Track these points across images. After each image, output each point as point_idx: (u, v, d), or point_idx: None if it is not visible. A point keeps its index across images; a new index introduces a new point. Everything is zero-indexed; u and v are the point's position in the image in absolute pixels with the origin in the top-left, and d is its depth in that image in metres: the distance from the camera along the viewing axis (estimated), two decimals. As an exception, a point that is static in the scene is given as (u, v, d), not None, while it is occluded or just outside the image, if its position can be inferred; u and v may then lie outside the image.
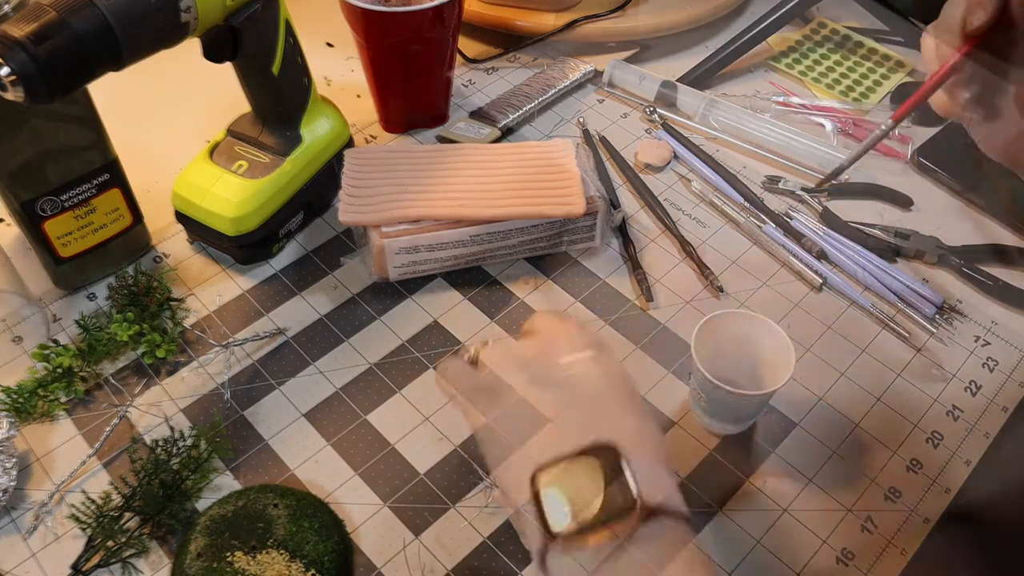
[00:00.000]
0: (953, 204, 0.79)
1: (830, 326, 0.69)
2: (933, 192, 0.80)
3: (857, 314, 0.70)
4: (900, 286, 0.72)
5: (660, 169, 0.81)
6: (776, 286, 0.72)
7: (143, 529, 0.57)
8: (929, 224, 0.77)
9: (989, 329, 0.70)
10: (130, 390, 0.65)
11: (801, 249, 0.74)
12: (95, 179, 0.66)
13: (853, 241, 0.74)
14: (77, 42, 0.50)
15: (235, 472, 0.61)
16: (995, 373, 0.67)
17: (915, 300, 0.71)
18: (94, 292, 0.71)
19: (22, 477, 0.60)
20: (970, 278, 0.73)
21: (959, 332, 0.70)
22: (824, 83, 0.89)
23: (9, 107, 0.57)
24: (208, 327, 0.69)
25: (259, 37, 0.65)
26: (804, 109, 0.86)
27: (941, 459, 0.61)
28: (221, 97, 0.82)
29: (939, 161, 0.80)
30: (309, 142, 0.72)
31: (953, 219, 0.78)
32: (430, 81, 0.80)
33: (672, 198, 0.78)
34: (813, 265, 0.73)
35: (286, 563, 0.53)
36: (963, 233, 0.77)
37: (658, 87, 0.85)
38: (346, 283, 0.72)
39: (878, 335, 0.69)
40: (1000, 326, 0.70)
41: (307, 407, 0.64)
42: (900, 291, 0.71)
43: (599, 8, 0.92)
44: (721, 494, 0.59)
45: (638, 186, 0.79)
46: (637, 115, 0.86)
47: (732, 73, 0.91)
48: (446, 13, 0.74)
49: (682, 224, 0.76)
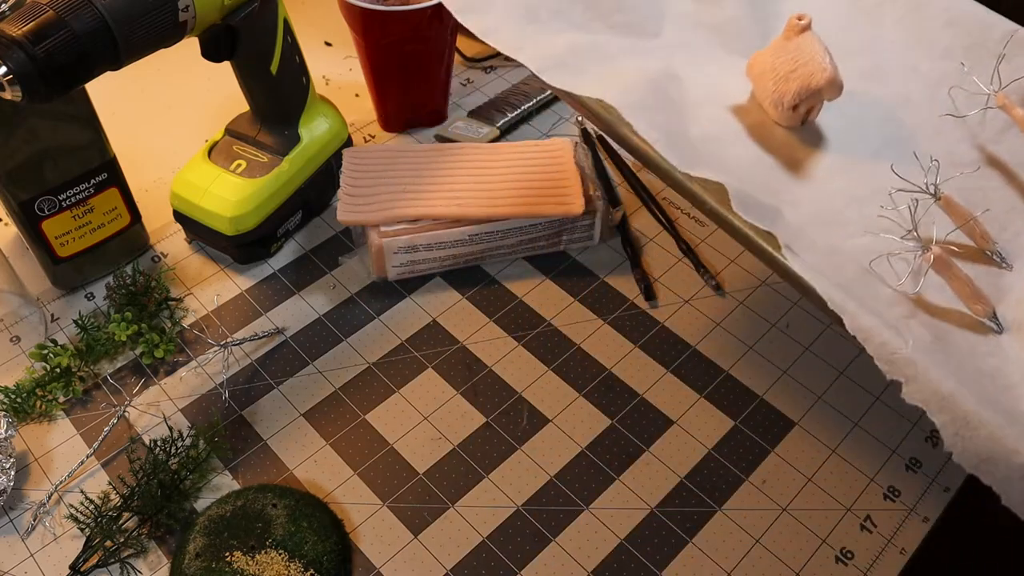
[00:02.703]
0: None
1: (829, 325, 0.69)
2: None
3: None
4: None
5: (659, 168, 0.81)
6: (775, 285, 0.72)
7: (141, 529, 0.57)
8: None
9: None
10: (128, 390, 0.65)
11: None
12: (93, 178, 0.66)
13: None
14: (75, 41, 0.50)
15: (234, 472, 0.60)
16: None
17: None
18: (92, 292, 0.71)
19: (20, 477, 0.60)
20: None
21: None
22: (823, 82, 0.89)
23: (7, 106, 0.57)
24: (206, 327, 0.69)
25: (257, 36, 0.65)
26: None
27: (940, 458, 0.61)
28: (219, 96, 0.83)
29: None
30: (307, 141, 0.72)
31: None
32: (428, 80, 0.80)
33: (671, 197, 0.78)
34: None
35: (285, 563, 0.53)
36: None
37: (657, 86, 0.85)
38: (345, 283, 0.72)
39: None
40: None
41: (306, 407, 0.64)
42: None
43: (598, 7, 0.92)
44: (720, 493, 0.59)
45: (636, 185, 0.79)
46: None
47: (731, 72, 0.91)
48: (444, 12, 0.74)
49: (681, 223, 0.76)
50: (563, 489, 0.59)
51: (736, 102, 0.58)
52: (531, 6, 0.58)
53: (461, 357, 0.67)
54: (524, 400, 0.64)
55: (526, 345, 0.67)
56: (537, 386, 0.65)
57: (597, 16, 0.60)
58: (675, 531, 0.57)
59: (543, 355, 0.67)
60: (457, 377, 0.65)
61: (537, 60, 0.54)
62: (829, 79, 0.52)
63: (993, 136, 0.56)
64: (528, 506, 0.59)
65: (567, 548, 0.57)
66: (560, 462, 0.61)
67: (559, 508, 0.59)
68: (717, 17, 0.62)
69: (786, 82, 0.54)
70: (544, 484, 0.60)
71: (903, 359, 0.43)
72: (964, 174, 0.51)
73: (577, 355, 0.67)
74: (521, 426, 0.63)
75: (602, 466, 0.61)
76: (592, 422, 0.63)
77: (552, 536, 0.57)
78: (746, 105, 0.58)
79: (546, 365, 0.66)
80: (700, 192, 0.49)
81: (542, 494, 0.59)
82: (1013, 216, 0.53)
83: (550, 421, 0.63)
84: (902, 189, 0.50)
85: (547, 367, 0.66)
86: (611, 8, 0.61)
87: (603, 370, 0.66)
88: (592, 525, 0.58)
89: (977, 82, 0.55)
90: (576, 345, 0.67)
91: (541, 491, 0.59)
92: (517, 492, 0.59)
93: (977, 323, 0.48)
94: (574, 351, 0.67)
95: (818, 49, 0.54)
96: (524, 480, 0.60)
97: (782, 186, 0.53)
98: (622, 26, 0.61)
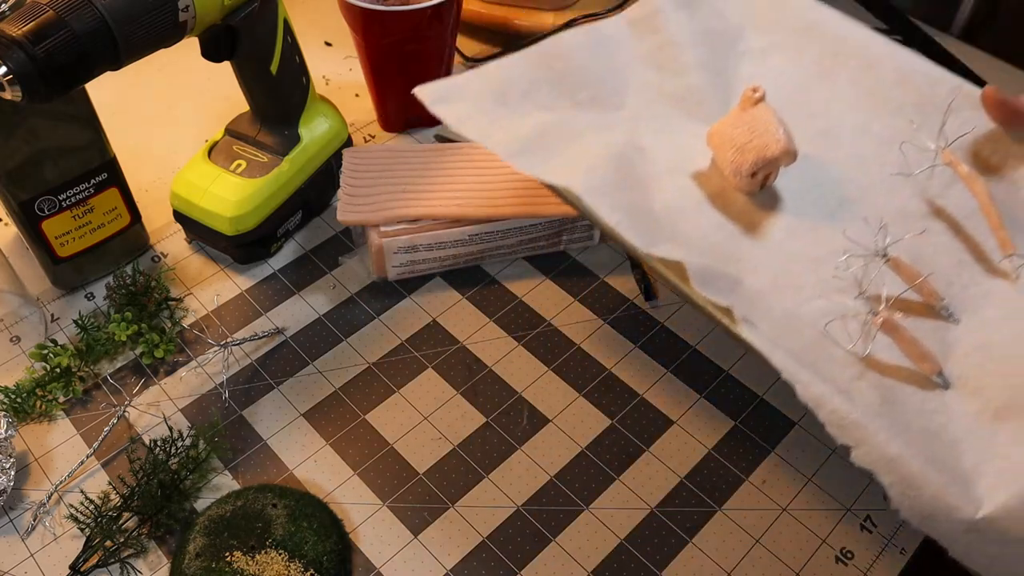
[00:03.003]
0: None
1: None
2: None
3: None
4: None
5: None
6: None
7: (141, 529, 0.57)
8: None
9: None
10: (128, 390, 0.65)
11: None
12: (93, 178, 0.66)
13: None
14: (75, 41, 0.50)
15: (234, 472, 0.60)
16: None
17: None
18: (92, 292, 0.71)
19: (20, 477, 0.60)
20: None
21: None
22: (823, 82, 0.89)
23: (7, 106, 0.57)
24: (206, 327, 0.69)
25: (257, 36, 0.65)
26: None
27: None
28: (219, 96, 0.83)
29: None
30: (307, 141, 0.72)
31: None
32: (428, 80, 0.80)
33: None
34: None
35: (285, 563, 0.53)
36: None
37: (657, 86, 0.85)
38: (345, 282, 0.72)
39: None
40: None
41: (306, 407, 0.64)
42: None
43: (597, 7, 0.92)
44: (720, 493, 0.59)
45: (637, 185, 0.79)
46: (636, 114, 0.86)
47: (731, 72, 0.91)
48: (444, 12, 0.74)
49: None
50: (563, 489, 0.59)
51: (699, 169, 0.60)
52: (500, 90, 0.61)
53: (461, 357, 0.67)
54: (524, 400, 0.64)
55: (526, 345, 0.67)
56: (537, 386, 0.65)
57: (563, 94, 0.62)
58: (675, 531, 0.57)
59: (543, 355, 0.67)
60: (457, 377, 0.65)
61: (505, 146, 0.56)
62: (783, 149, 0.55)
63: (941, 190, 0.58)
64: (528, 506, 0.59)
65: (567, 548, 0.57)
66: (560, 462, 0.61)
67: (559, 508, 0.59)
68: (679, 86, 0.64)
69: (743, 153, 0.56)
70: (544, 484, 0.60)
71: (852, 424, 0.45)
72: (912, 236, 0.54)
73: (577, 355, 0.67)
74: (521, 426, 0.63)
75: (602, 466, 0.61)
76: (592, 422, 0.63)
77: (552, 536, 0.57)
78: (708, 172, 0.60)
79: (546, 365, 0.66)
80: (662, 269, 0.52)
81: (542, 494, 0.59)
82: (960, 270, 0.55)
83: (550, 421, 0.63)
84: (852, 254, 0.52)
85: (547, 367, 0.66)
86: (575, 86, 0.63)
87: (603, 370, 0.66)
88: (592, 525, 0.58)
89: (925, 140, 0.58)
90: (576, 345, 0.67)
91: (541, 491, 0.59)
92: (517, 492, 0.59)
93: (926, 379, 0.50)
94: (574, 351, 0.67)
95: (772, 120, 0.56)
96: (524, 480, 0.60)
97: (743, 252, 0.56)
98: (587, 102, 0.63)
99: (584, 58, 0.64)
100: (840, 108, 0.63)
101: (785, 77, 0.65)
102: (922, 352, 0.49)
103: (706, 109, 0.64)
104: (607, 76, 0.64)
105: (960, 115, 0.59)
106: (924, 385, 0.50)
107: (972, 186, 0.56)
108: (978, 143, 0.59)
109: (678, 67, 0.65)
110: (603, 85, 0.64)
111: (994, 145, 0.58)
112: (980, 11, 0.95)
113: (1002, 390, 0.48)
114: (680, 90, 0.64)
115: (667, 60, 0.65)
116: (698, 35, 0.66)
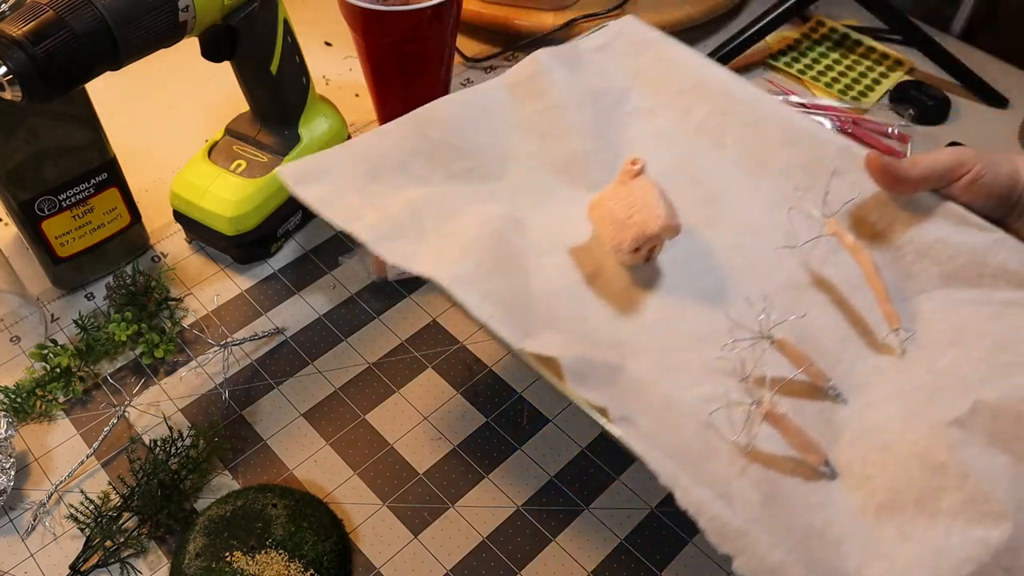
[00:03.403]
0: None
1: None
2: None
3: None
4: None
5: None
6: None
7: (141, 529, 0.57)
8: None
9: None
10: (128, 390, 0.65)
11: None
12: (93, 178, 0.66)
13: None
14: (75, 41, 0.50)
15: (234, 472, 0.61)
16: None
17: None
18: (92, 292, 0.71)
19: (20, 477, 0.60)
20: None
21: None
22: (823, 82, 0.89)
23: (7, 106, 0.57)
24: (206, 327, 0.69)
25: (257, 36, 0.65)
26: (803, 108, 0.86)
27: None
28: (219, 96, 0.83)
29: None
30: (307, 141, 0.72)
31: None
32: (428, 80, 0.80)
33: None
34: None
35: (285, 563, 0.53)
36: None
37: (657, 86, 0.85)
38: (344, 282, 0.72)
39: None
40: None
41: (306, 407, 0.64)
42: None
43: (597, 7, 0.92)
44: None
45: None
46: (636, 114, 0.86)
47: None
48: (444, 12, 0.74)
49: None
50: (563, 489, 0.59)
51: (580, 242, 0.58)
52: (373, 164, 0.57)
53: (461, 357, 0.67)
54: (524, 400, 0.64)
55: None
56: (537, 386, 0.65)
57: (439, 166, 0.59)
58: (675, 531, 0.57)
59: (543, 355, 0.67)
60: (457, 377, 0.65)
61: (373, 229, 0.53)
62: (662, 226, 0.53)
63: (828, 258, 0.56)
64: (528, 506, 0.59)
65: (567, 548, 0.57)
66: (560, 462, 0.61)
67: (559, 508, 0.59)
68: (563, 153, 0.61)
69: (623, 229, 0.54)
70: (544, 484, 0.60)
71: (734, 531, 0.43)
72: (795, 319, 0.52)
73: (577, 355, 0.67)
74: (521, 426, 0.63)
75: (602, 465, 0.61)
76: (592, 422, 0.63)
77: (552, 536, 0.57)
78: (589, 245, 0.58)
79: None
80: (536, 365, 0.49)
81: (542, 494, 0.59)
82: (847, 345, 0.53)
83: (550, 421, 0.63)
84: (737, 339, 0.50)
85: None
86: (452, 156, 0.59)
87: (603, 370, 0.66)
88: (592, 525, 0.58)
89: (811, 207, 0.56)
90: (576, 345, 0.67)
91: (541, 491, 0.59)
92: (517, 492, 0.59)
93: (811, 469, 0.48)
94: (574, 351, 0.67)
95: (652, 195, 0.54)
96: (524, 480, 0.60)
97: (625, 335, 0.53)
98: (464, 173, 0.59)
99: (462, 126, 0.60)
100: (728, 171, 0.61)
101: (672, 139, 0.62)
102: (807, 442, 0.47)
103: (591, 176, 0.61)
104: (486, 144, 0.60)
105: (848, 177, 0.57)
106: (810, 476, 0.47)
107: (857, 257, 0.54)
108: (866, 206, 0.57)
109: (560, 132, 0.61)
110: (482, 154, 0.60)
111: (881, 209, 0.56)
112: (980, 11, 0.95)
113: (885, 482, 0.46)
114: (563, 157, 0.61)
115: (549, 125, 0.61)
116: (582, 97, 0.63)
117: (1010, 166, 0.54)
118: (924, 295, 0.54)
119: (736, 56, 0.89)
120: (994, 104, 0.86)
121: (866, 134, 0.83)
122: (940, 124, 0.85)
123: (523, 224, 0.58)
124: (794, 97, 0.87)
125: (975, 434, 0.45)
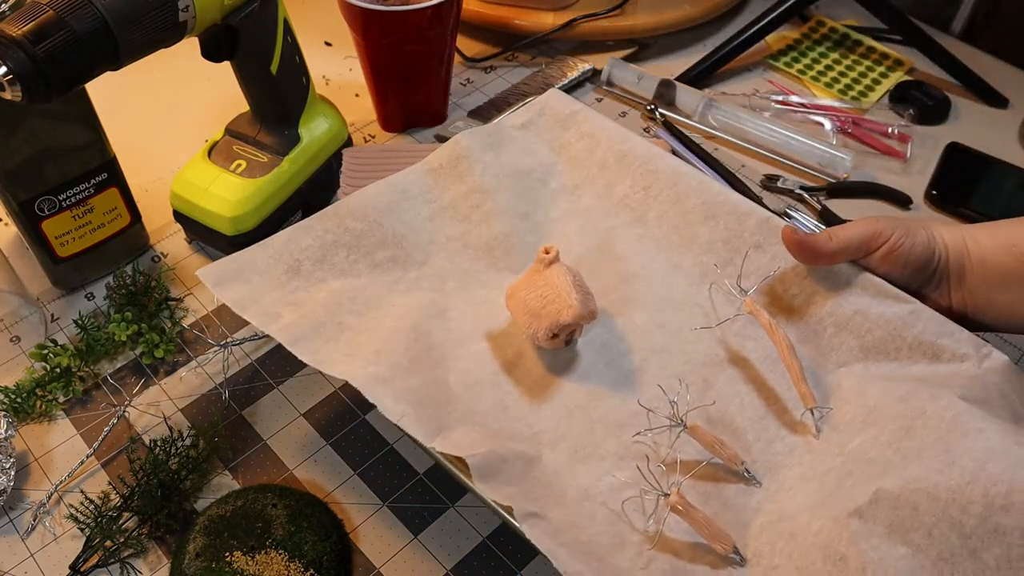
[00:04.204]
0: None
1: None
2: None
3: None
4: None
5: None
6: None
7: (141, 529, 0.57)
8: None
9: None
10: (128, 390, 0.65)
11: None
12: (93, 178, 0.66)
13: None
14: (75, 41, 0.50)
15: (234, 472, 0.61)
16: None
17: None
18: (92, 292, 0.71)
19: (20, 477, 0.60)
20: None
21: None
22: (823, 81, 0.89)
23: (7, 106, 0.57)
24: (206, 327, 0.69)
25: (257, 36, 0.65)
26: (803, 108, 0.86)
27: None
28: (219, 96, 0.82)
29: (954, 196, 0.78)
30: (307, 141, 0.72)
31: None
32: (428, 80, 0.80)
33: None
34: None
35: (285, 563, 0.53)
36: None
37: (656, 86, 0.85)
38: (345, 282, 0.72)
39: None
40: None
41: (306, 407, 0.64)
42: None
43: (597, 7, 0.92)
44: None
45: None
46: (635, 114, 0.86)
47: (731, 72, 0.91)
48: (444, 12, 0.74)
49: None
50: (563, 489, 0.59)
51: (501, 326, 0.58)
52: (294, 260, 0.59)
53: (461, 357, 0.67)
54: (524, 400, 0.64)
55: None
56: (537, 386, 0.65)
57: (361, 256, 0.60)
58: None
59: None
60: (457, 377, 0.65)
61: (288, 331, 0.54)
62: (575, 316, 0.53)
63: (746, 334, 0.57)
64: (528, 506, 0.59)
65: (567, 548, 0.57)
66: (560, 462, 0.61)
67: (559, 508, 0.59)
68: (485, 236, 0.62)
69: (538, 319, 0.54)
70: (544, 484, 0.60)
71: None
72: (708, 405, 0.53)
73: (577, 355, 0.67)
74: (521, 426, 0.63)
75: (602, 466, 0.60)
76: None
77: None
78: (510, 330, 0.58)
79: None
80: (447, 464, 0.50)
81: (542, 494, 0.59)
82: (765, 424, 0.54)
83: (550, 421, 0.63)
84: (650, 428, 0.51)
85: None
86: (374, 245, 0.60)
87: (603, 370, 0.66)
88: (592, 525, 0.58)
89: (729, 286, 0.56)
90: (576, 345, 0.67)
91: (541, 491, 0.59)
92: (517, 492, 0.59)
93: (720, 557, 0.48)
94: (574, 351, 0.67)
95: (565, 284, 0.54)
96: (524, 480, 0.60)
97: (542, 424, 0.54)
98: (386, 262, 0.60)
99: (383, 215, 0.61)
100: (649, 248, 0.61)
101: (595, 216, 0.63)
102: (714, 532, 0.48)
103: (515, 257, 0.61)
104: (408, 231, 0.61)
105: (769, 250, 0.57)
106: (718, 564, 0.48)
107: (772, 337, 0.54)
108: (786, 279, 0.57)
109: (483, 215, 0.62)
110: (404, 241, 0.61)
111: (801, 282, 0.57)
112: (980, 11, 0.95)
113: (789, 572, 0.46)
114: (486, 239, 0.62)
115: (472, 209, 0.62)
116: (506, 177, 0.63)
117: (926, 233, 0.54)
118: (844, 368, 0.55)
119: (736, 56, 0.89)
120: (994, 104, 0.86)
121: (866, 134, 0.83)
122: (940, 124, 0.85)
123: (444, 311, 0.59)
124: (794, 97, 0.87)
125: (875, 525, 0.45)
